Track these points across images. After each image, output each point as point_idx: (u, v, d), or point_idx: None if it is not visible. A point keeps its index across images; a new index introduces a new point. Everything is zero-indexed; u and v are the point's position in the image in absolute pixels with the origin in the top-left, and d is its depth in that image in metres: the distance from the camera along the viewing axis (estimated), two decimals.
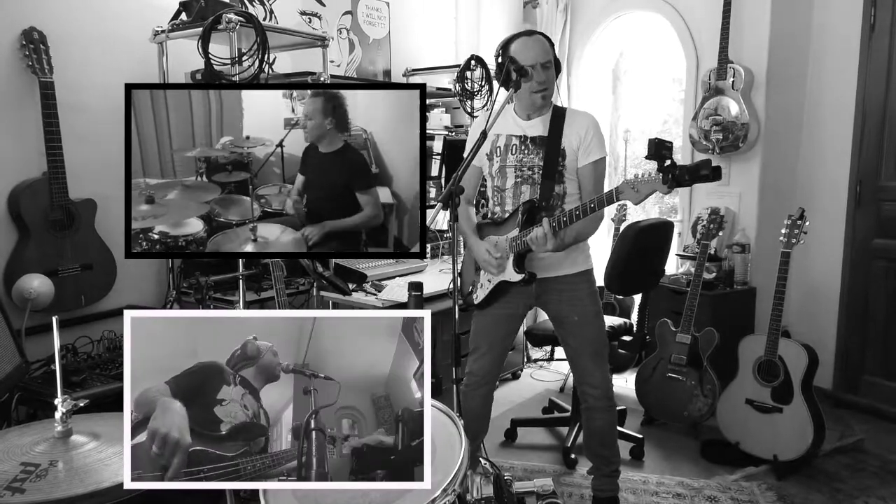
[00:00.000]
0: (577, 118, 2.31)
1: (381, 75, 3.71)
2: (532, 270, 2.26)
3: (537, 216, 2.22)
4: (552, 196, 2.28)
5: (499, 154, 2.34)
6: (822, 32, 3.60)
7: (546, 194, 2.27)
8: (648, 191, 1.91)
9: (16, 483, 1.51)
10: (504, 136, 2.34)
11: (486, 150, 2.36)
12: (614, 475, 2.50)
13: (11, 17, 2.45)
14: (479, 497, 1.53)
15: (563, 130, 2.27)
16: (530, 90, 2.22)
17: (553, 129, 2.28)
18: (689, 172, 1.83)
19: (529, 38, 2.25)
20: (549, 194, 2.28)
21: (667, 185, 1.86)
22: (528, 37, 2.26)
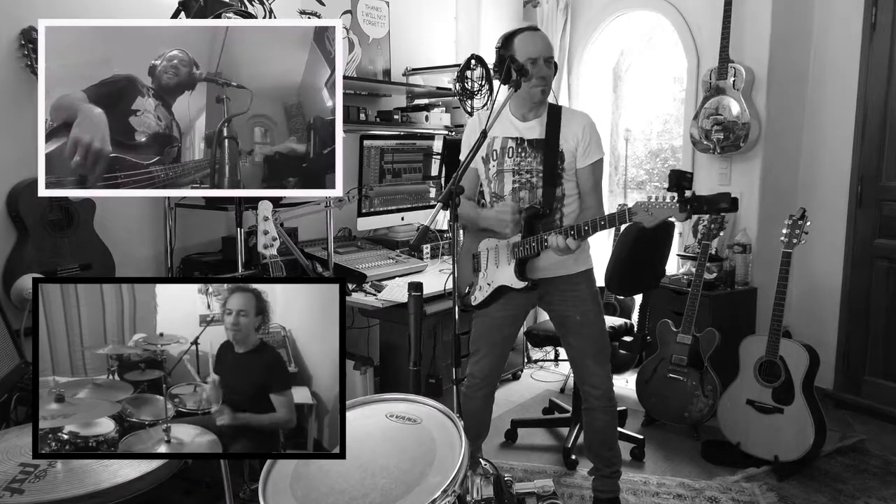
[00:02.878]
0: (574, 118, 2.30)
1: (380, 75, 3.71)
2: (533, 277, 2.26)
3: (539, 222, 2.22)
4: (553, 200, 2.28)
5: (495, 157, 2.33)
6: (823, 32, 3.59)
7: (547, 199, 2.27)
8: (663, 217, 1.93)
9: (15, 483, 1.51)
10: (500, 138, 2.32)
11: (483, 154, 2.34)
12: (615, 476, 2.50)
13: (11, 16, 2.44)
14: (480, 498, 1.53)
15: (560, 132, 2.26)
16: (531, 85, 2.22)
17: (550, 132, 2.27)
18: (708, 203, 1.86)
19: (535, 32, 2.27)
20: (550, 199, 2.27)
21: (684, 213, 1.88)
22: (533, 31, 2.27)
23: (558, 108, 2.32)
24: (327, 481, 1.37)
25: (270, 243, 2.16)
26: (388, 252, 3.45)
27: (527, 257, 2.24)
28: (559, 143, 2.26)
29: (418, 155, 3.72)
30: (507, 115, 2.32)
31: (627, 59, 4.77)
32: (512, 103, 2.30)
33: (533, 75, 2.19)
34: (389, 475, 1.37)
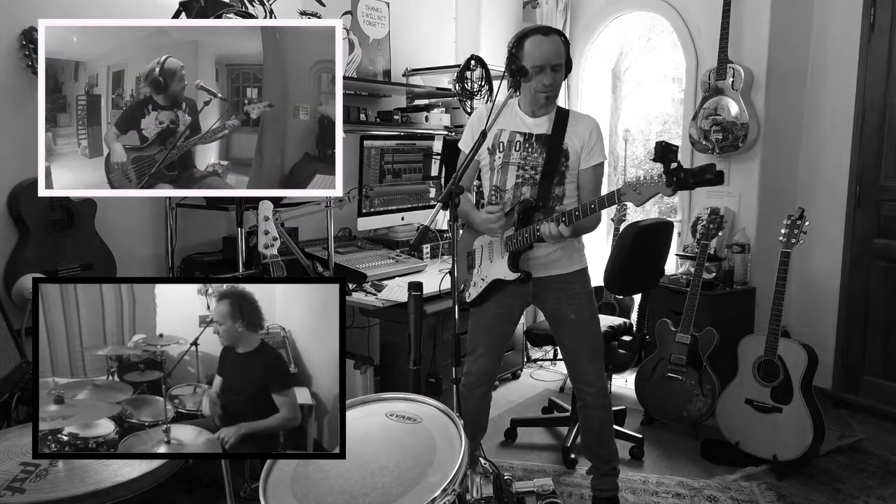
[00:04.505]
0: (581, 121, 2.31)
1: (380, 75, 3.71)
2: (527, 269, 2.26)
3: (533, 216, 2.22)
4: (551, 197, 2.28)
5: (501, 150, 2.33)
6: (822, 32, 3.60)
7: (544, 194, 2.27)
8: (651, 193, 1.92)
9: (16, 483, 1.51)
10: (508, 131, 2.32)
11: (488, 145, 2.34)
12: (613, 474, 2.50)
13: (11, 16, 2.45)
14: (479, 497, 1.53)
15: (567, 132, 2.27)
16: (534, 90, 2.22)
17: (556, 129, 2.28)
18: (694, 176, 1.84)
19: (546, 37, 2.19)
20: (548, 194, 2.27)
21: (671, 187, 1.86)
22: (543, 35, 2.20)
23: (566, 111, 2.34)
24: (327, 480, 1.38)
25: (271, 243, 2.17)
26: (388, 252, 3.46)
27: (520, 250, 2.24)
28: (564, 141, 2.27)
29: (418, 155, 3.72)
30: (517, 110, 2.33)
31: (627, 59, 4.78)
32: (522, 99, 2.32)
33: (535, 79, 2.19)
34: (389, 474, 1.37)
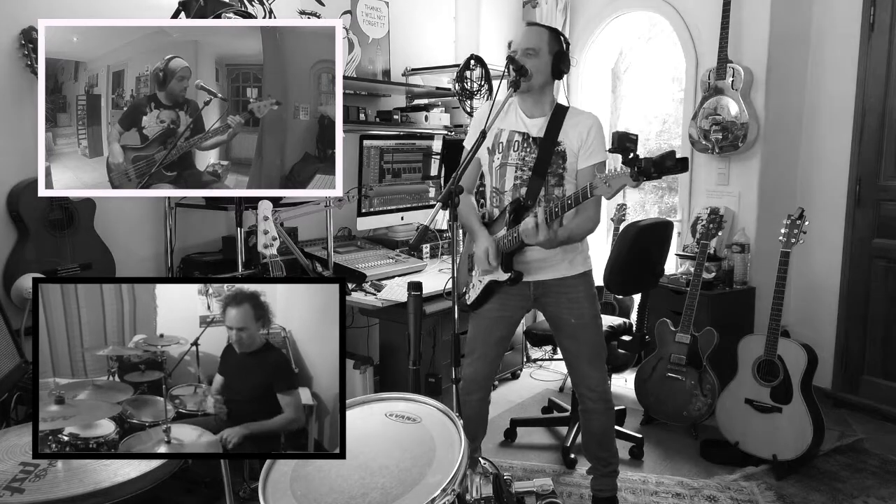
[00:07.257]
0: (580, 118, 2.29)
1: (380, 75, 3.71)
2: (519, 270, 2.25)
3: (524, 216, 2.21)
4: (540, 197, 2.26)
5: (500, 150, 2.32)
6: (822, 32, 3.60)
7: (533, 193, 2.25)
8: (618, 185, 1.91)
9: (15, 483, 1.51)
10: (507, 131, 2.32)
11: (488, 145, 2.34)
12: (613, 475, 2.50)
13: (11, 16, 2.44)
14: (479, 497, 1.53)
15: (563, 130, 2.26)
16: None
17: (550, 128, 2.26)
18: (655, 165, 1.80)
19: (528, 27, 2.31)
20: (537, 193, 2.25)
21: (633, 178, 1.84)
22: (528, 27, 2.32)
23: (564, 108, 2.32)
24: (327, 480, 1.37)
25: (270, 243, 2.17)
26: (388, 252, 3.46)
27: (511, 250, 2.23)
28: (561, 142, 2.25)
29: (418, 155, 3.72)
30: (517, 110, 2.33)
31: (626, 59, 4.78)
32: (520, 100, 2.32)
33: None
34: (389, 474, 1.37)
